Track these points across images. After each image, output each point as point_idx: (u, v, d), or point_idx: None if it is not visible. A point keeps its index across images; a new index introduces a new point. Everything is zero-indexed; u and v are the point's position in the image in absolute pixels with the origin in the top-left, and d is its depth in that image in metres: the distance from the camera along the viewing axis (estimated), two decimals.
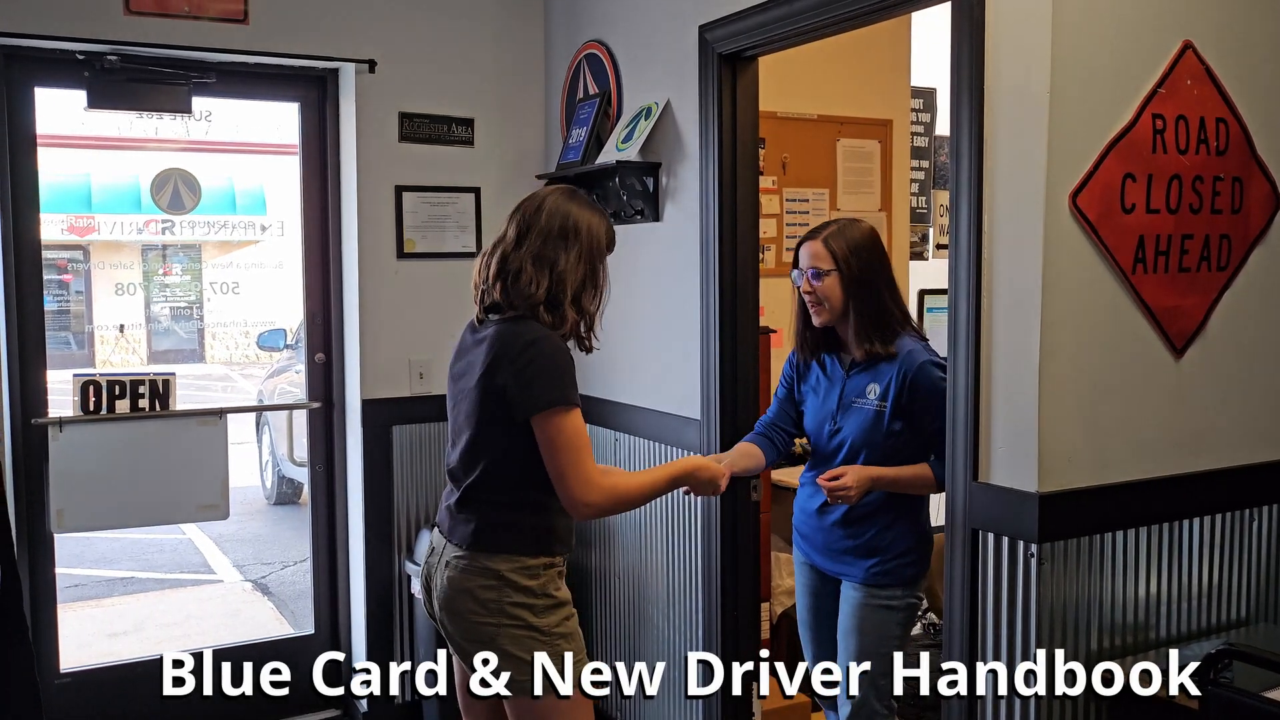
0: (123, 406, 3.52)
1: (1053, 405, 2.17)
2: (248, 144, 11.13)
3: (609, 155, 3.39)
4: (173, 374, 3.61)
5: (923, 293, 4.62)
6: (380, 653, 3.81)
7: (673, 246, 3.27)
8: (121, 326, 12.87)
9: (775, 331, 3.72)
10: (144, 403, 3.55)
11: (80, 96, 3.50)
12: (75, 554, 5.99)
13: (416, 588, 3.60)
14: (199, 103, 3.66)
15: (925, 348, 2.62)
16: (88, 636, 4.98)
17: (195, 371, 12.01)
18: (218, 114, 7.68)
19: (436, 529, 2.37)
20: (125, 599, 5.77)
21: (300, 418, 4.21)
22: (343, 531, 3.92)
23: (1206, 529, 2.39)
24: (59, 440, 3.39)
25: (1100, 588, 2.26)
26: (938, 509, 4.46)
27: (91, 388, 3.49)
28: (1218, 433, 2.39)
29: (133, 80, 3.49)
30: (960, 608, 2.34)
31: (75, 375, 3.52)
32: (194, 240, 13.74)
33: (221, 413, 3.64)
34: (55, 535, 3.50)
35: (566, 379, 2.17)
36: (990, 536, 2.28)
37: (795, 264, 2.68)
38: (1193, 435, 2.36)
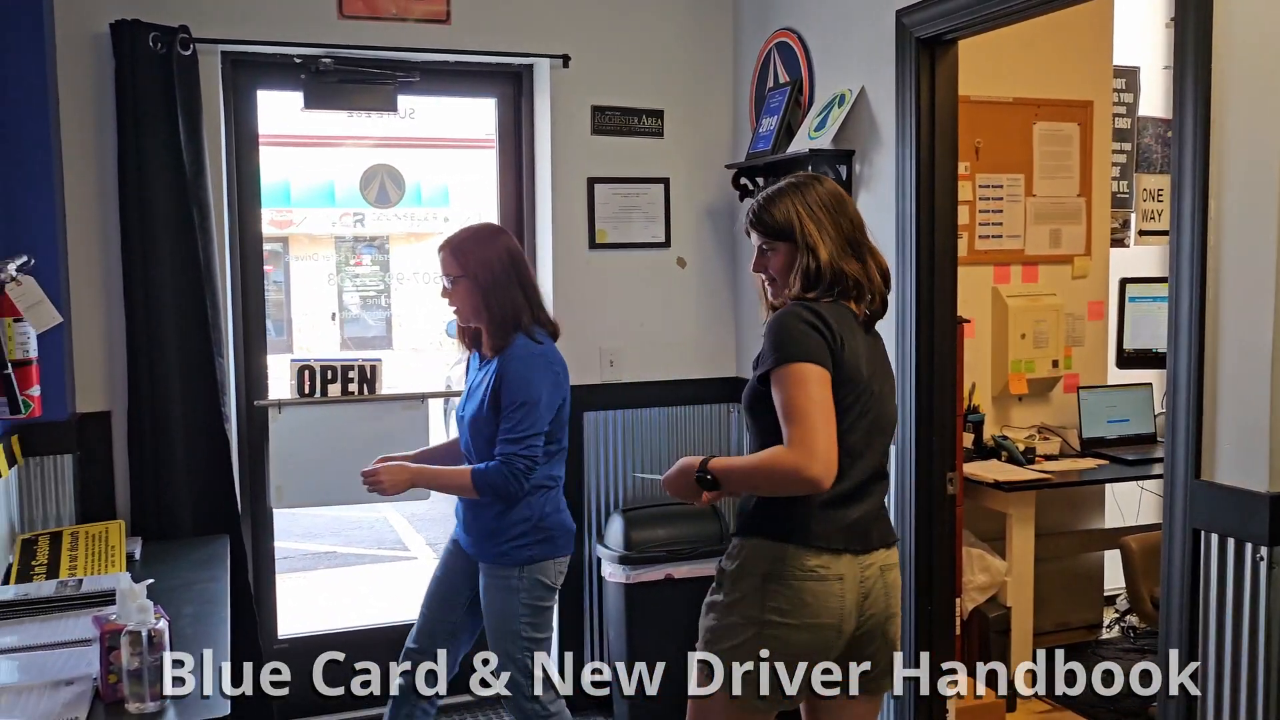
0: (334, 390, 3.72)
1: None
2: (433, 139, 11.57)
3: (801, 144, 3.37)
4: (379, 360, 3.80)
5: (1124, 281, 4.43)
6: (570, 633, 3.92)
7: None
8: (333, 314, 13.60)
9: (969, 321, 3.63)
10: (353, 387, 3.75)
11: (297, 98, 3.72)
12: (282, 529, 6.36)
13: (608, 571, 3.69)
14: (402, 101, 3.84)
15: (526, 345, 2.77)
16: (297, 606, 5.30)
17: (383, 357, 12.55)
18: (407, 111, 8.00)
19: (856, 544, 2.12)
20: (328, 572, 6.12)
21: None
22: None
23: None
24: (278, 421, 3.61)
25: None
26: (1142, 507, 4.24)
27: (306, 372, 3.71)
28: None
29: (344, 81, 3.68)
30: (1179, 611, 2.24)
31: (292, 360, 3.75)
32: (382, 233, 14.37)
33: (423, 397, 3.80)
34: (274, 510, 3.74)
35: None
36: (1214, 538, 2.17)
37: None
38: None
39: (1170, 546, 2.27)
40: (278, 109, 3.80)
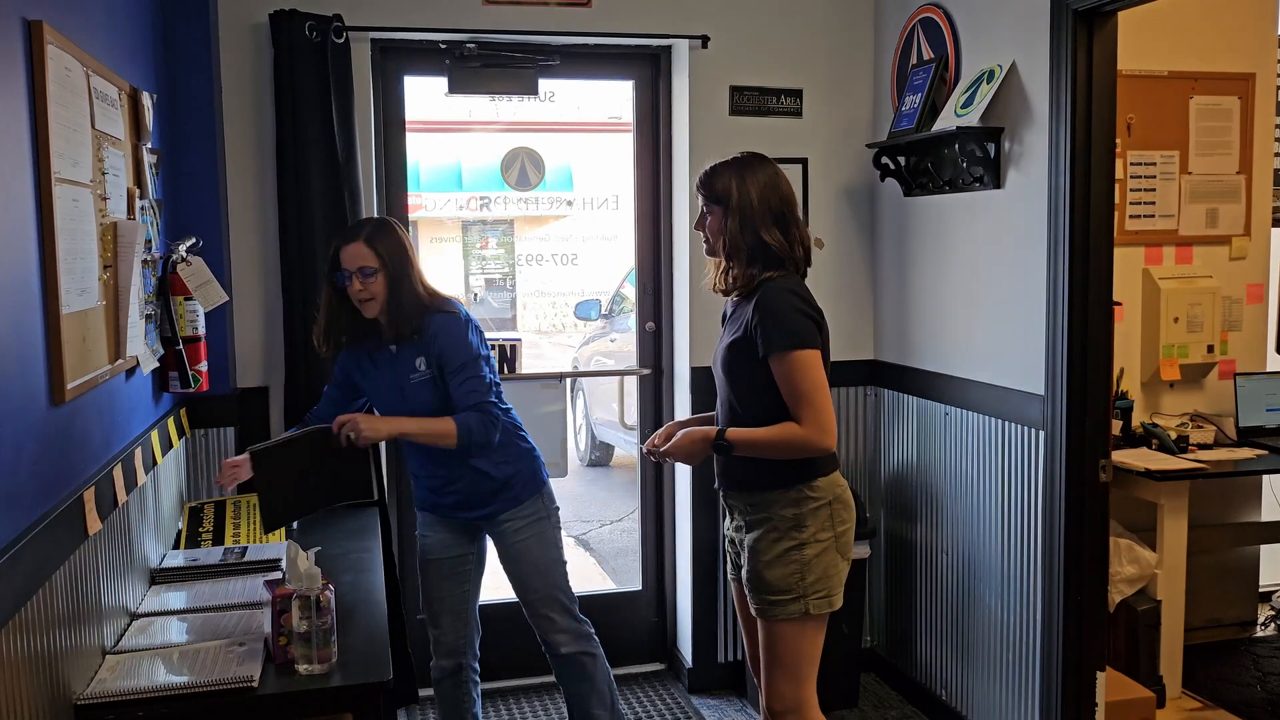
0: None
1: None
2: (558, 123, 11.66)
3: (947, 121, 3.30)
4: (519, 339, 3.87)
5: None
6: (705, 611, 3.94)
7: (1015, 214, 3.15)
8: (475, 295, 13.90)
9: (1119, 304, 3.51)
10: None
11: (438, 84, 3.80)
12: None
13: None
14: (541, 85, 3.88)
15: (445, 317, 2.89)
16: None
17: (509, 338, 12.73)
18: (547, 95, 8.10)
19: None
20: None
21: (630, 383, 4.39)
22: (669, 494, 4.07)
23: None
24: None
25: None
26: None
27: None
28: None
29: (487, 66, 3.75)
30: None
31: None
32: (506, 216, 14.58)
33: (561, 377, 3.87)
34: None
35: None
36: None
37: (335, 268, 2.85)
38: None
39: None
40: (409, 95, 3.89)
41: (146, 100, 2.71)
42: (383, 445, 3.54)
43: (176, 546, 2.94)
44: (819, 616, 2.49)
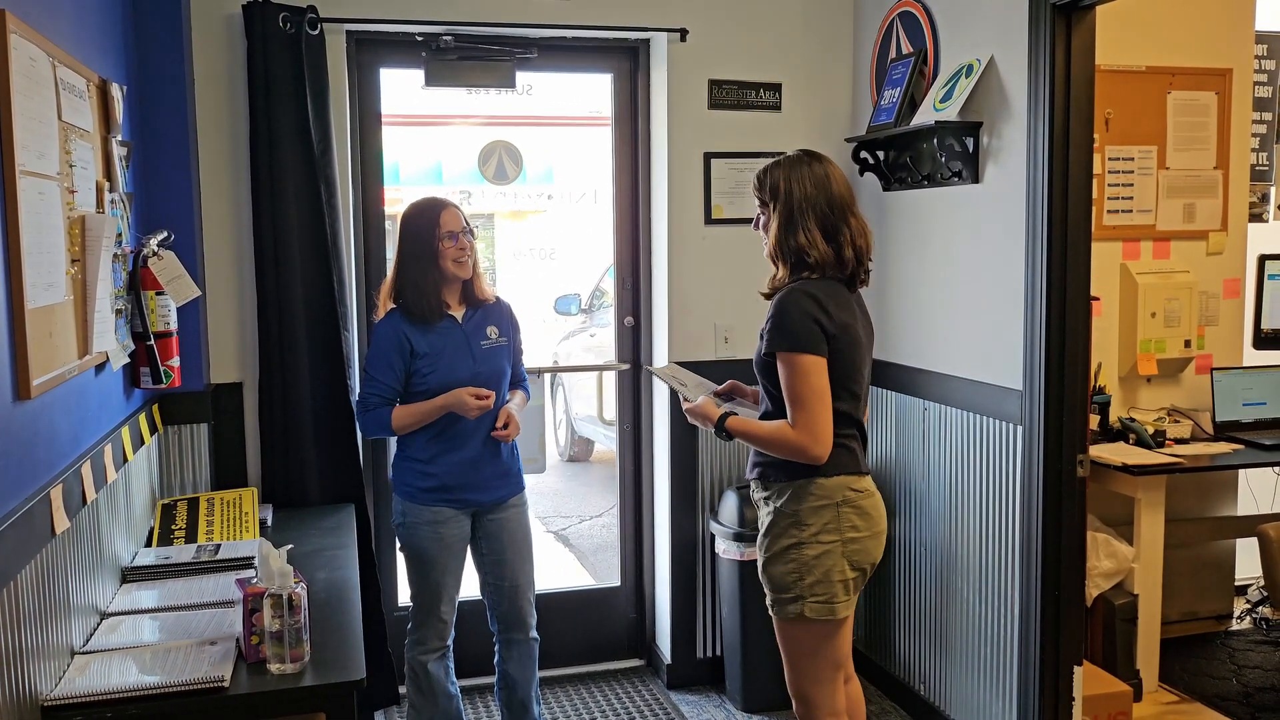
0: None
1: None
2: (539, 117, 11.60)
3: (926, 116, 3.29)
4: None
5: (1263, 258, 4.26)
6: (684, 607, 3.93)
7: (993, 209, 3.15)
8: None
9: (1097, 299, 3.51)
10: None
11: (414, 77, 3.76)
12: None
13: (721, 548, 3.68)
14: (520, 78, 3.85)
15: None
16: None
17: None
18: (525, 88, 8.06)
19: (866, 466, 2.56)
20: None
21: (610, 378, 4.37)
22: (648, 489, 4.05)
23: None
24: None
25: None
26: (1278, 494, 4.04)
27: None
28: None
29: (464, 58, 3.71)
30: None
31: None
32: (488, 210, 14.51)
33: (540, 372, 3.83)
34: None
35: None
36: None
37: (440, 231, 2.97)
38: None
39: None
40: (388, 91, 3.85)
41: (116, 92, 2.67)
42: (359, 443, 3.51)
43: (148, 544, 2.91)
44: (820, 621, 2.44)
